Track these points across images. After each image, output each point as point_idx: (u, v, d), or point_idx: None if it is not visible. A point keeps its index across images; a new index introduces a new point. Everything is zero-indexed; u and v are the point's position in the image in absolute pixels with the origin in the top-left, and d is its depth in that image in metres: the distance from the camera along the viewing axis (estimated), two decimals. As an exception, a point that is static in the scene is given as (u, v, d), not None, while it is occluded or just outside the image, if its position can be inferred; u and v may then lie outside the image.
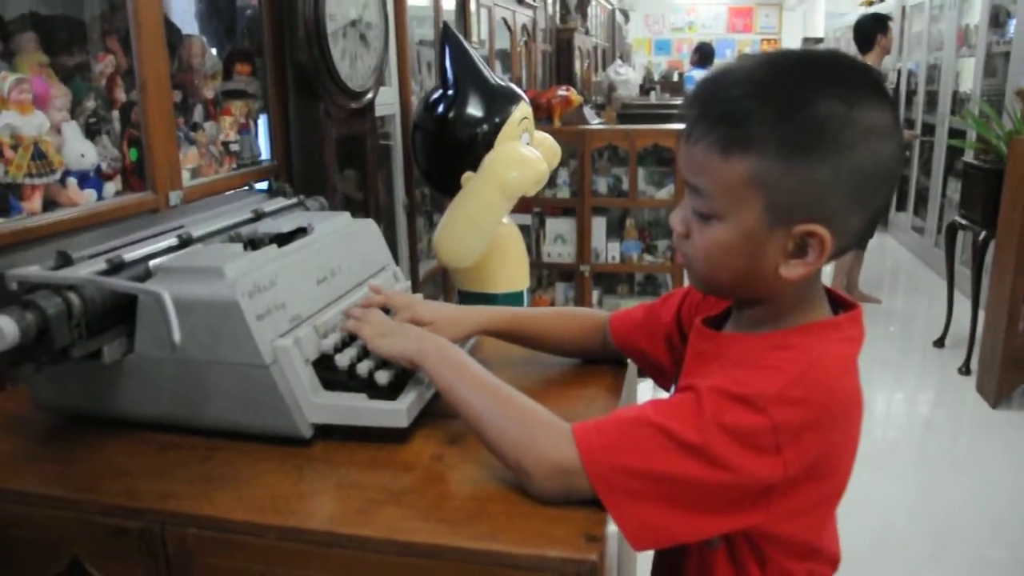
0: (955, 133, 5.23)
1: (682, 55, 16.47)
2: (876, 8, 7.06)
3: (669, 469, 0.68)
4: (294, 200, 1.19)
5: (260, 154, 1.80)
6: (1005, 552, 2.40)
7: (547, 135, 2.49)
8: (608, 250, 3.54)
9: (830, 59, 0.73)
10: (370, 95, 1.96)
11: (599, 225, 3.53)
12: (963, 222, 3.85)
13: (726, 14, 16.47)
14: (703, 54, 8.64)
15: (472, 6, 3.16)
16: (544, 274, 3.76)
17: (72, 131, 1.35)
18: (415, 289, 2.67)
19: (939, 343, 4.10)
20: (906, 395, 3.83)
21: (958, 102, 5.32)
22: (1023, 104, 3.54)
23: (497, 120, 2.19)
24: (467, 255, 2.13)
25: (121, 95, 1.43)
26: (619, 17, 10.48)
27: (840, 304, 0.81)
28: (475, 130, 2.18)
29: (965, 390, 3.61)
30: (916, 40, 6.29)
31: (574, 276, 3.59)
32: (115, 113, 1.43)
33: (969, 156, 3.88)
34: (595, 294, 3.64)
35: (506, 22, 4.00)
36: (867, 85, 0.71)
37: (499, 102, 2.21)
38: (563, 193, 3.54)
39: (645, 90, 9.75)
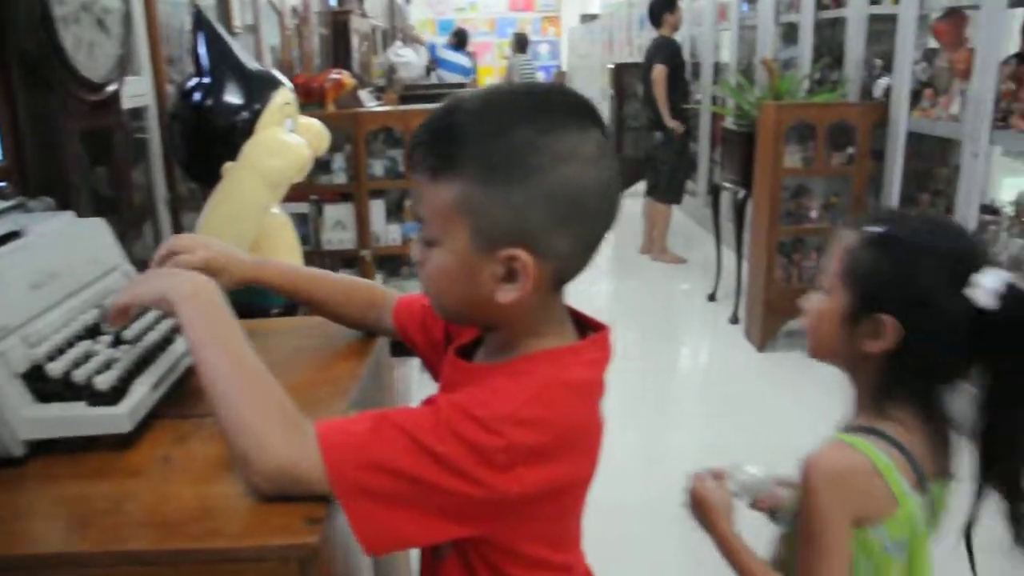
0: (717, 102, 5.79)
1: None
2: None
3: (411, 470, 0.70)
4: (12, 202, 1.16)
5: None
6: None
7: (314, 120, 2.52)
8: (388, 233, 3.60)
9: (542, 92, 0.78)
10: (114, 86, 1.90)
11: (378, 208, 3.58)
12: (724, 184, 4.29)
13: (507, -7, 16.97)
14: (460, 37, 9.09)
15: (230, -12, 3.10)
16: (326, 262, 3.77)
17: None
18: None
19: (711, 297, 4.54)
20: (685, 348, 4.24)
21: (719, 72, 5.88)
22: (769, 72, 4.00)
23: (256, 107, 2.18)
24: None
25: None
26: (397, -2, 10.52)
27: (589, 326, 0.85)
28: (234, 118, 2.16)
29: (735, 337, 4.04)
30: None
31: (356, 262, 3.63)
32: None
33: (730, 123, 4.31)
34: (379, 278, 3.70)
35: (273, 5, 3.95)
36: (570, 114, 0.75)
37: (258, 88, 2.21)
38: (339, 179, 3.56)
39: (430, 71, 9.91)
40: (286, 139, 2.11)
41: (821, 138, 3.51)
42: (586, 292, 4.93)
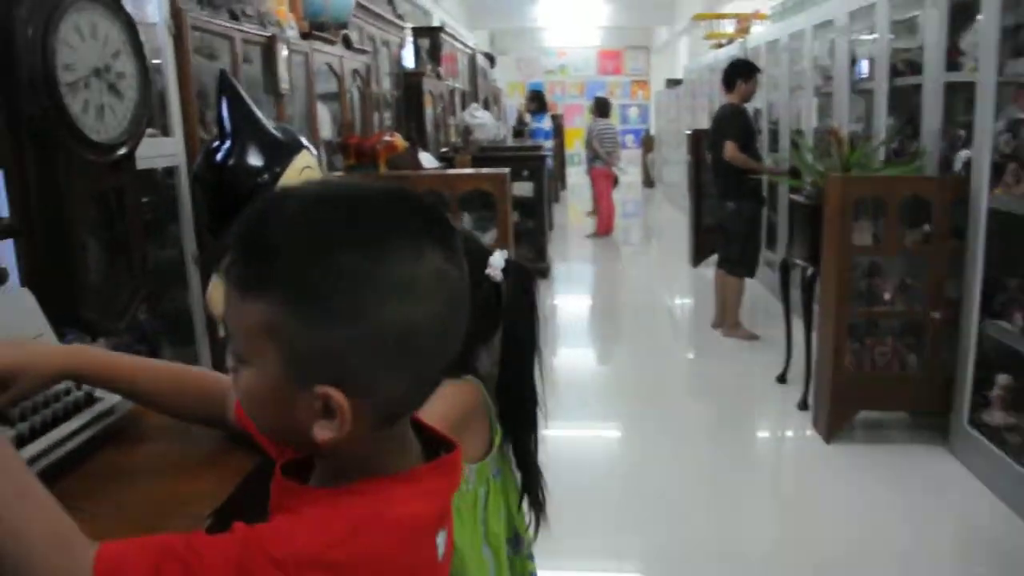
0: (796, 172, 5.61)
1: (555, 97, 17.06)
2: (726, 51, 7.55)
3: None
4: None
5: (-10, 214, 1.74)
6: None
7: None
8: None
9: (380, 202, 0.66)
10: (125, 148, 1.93)
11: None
12: (794, 260, 4.10)
13: (596, 57, 17.19)
14: (539, 101, 9.15)
15: (282, 53, 3.18)
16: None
17: None
18: (219, 345, 2.62)
19: (781, 379, 4.32)
20: (750, 433, 4.01)
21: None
22: (836, 142, 3.83)
23: (276, 170, 2.20)
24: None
25: None
26: (481, 61, 10.75)
27: (440, 442, 0.77)
28: (255, 180, 2.18)
29: (803, 425, 3.81)
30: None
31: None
32: None
33: (797, 195, 4.13)
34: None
35: (331, 68, 4.04)
36: (410, 233, 0.65)
37: (278, 151, 2.22)
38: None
39: (517, 132, 10.02)
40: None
41: (892, 214, 3.31)
42: (652, 367, 4.76)
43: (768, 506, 3.19)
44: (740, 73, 5.04)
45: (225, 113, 2.23)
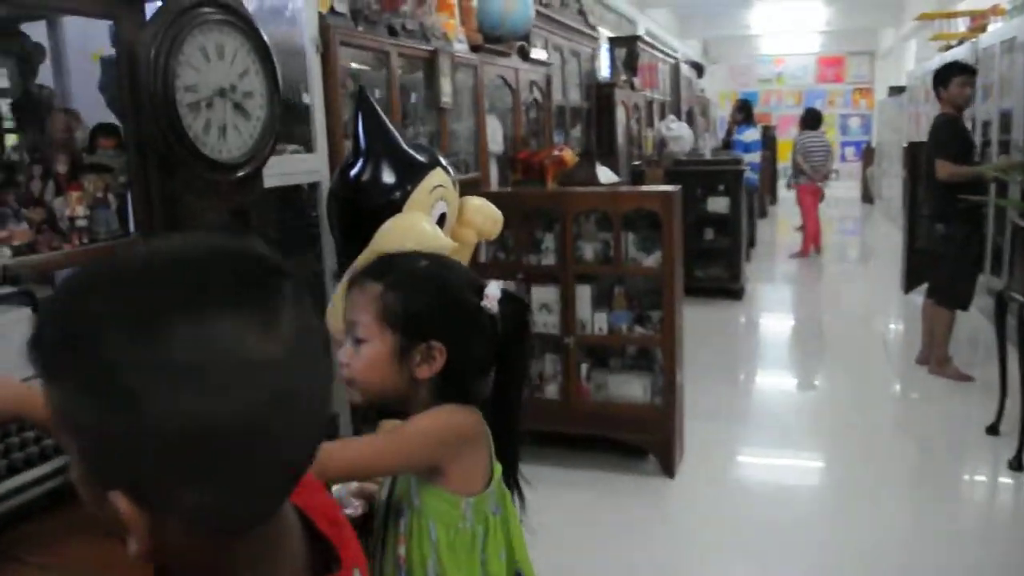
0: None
1: (770, 107, 16.27)
2: (952, 53, 6.80)
3: None
4: (11, 290, 1.16)
5: (118, 230, 1.81)
6: None
7: (483, 202, 2.44)
8: (595, 321, 3.42)
9: (177, 266, 0.56)
10: (250, 167, 1.95)
11: (584, 294, 3.42)
12: (1012, 294, 3.55)
13: (815, 64, 16.19)
14: (747, 112, 8.61)
15: (444, 66, 3.16)
16: (533, 345, 3.67)
17: None
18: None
19: (992, 430, 3.75)
20: (952, 490, 3.50)
21: (1036, 156, 4.98)
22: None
23: (408, 187, 2.16)
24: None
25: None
26: (686, 70, 10.41)
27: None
28: (386, 197, 2.15)
29: (1016, 486, 3.28)
30: (986, 89, 5.95)
31: (560, 348, 3.48)
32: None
33: (1017, 217, 3.59)
34: (583, 368, 3.51)
35: (506, 81, 4.00)
36: (205, 309, 0.53)
37: (410, 169, 2.18)
38: (548, 260, 3.46)
39: (726, 144, 9.62)
40: (416, 225, 2.03)
41: None
42: (851, 401, 4.38)
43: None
44: (940, 79, 4.46)
45: (360, 130, 2.22)
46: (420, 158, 2.22)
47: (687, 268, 4.73)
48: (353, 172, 2.21)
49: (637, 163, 6.81)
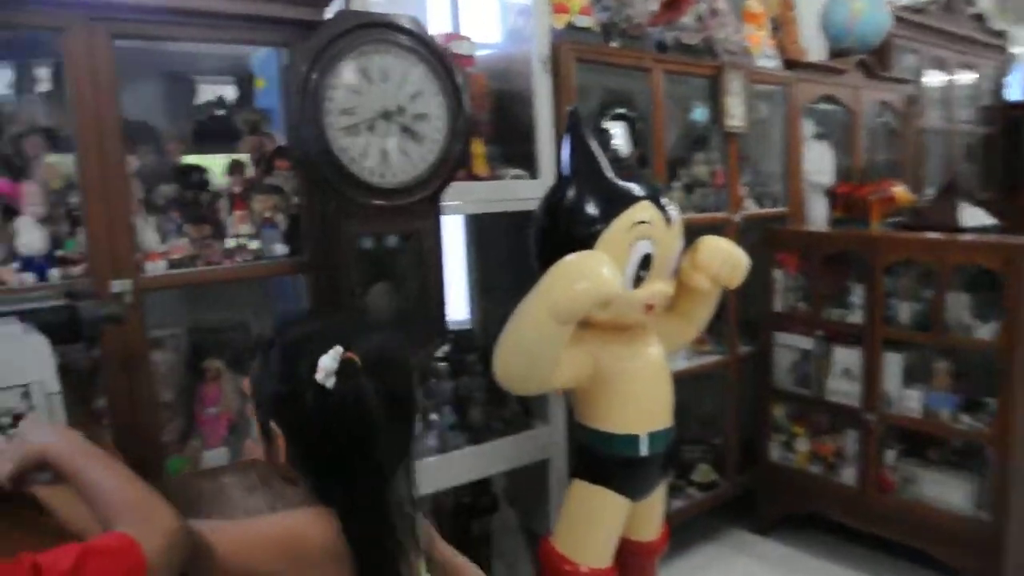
0: None
1: None
2: None
3: None
4: (60, 303, 1.20)
5: (278, 250, 1.85)
6: None
7: (722, 243, 2.10)
8: (903, 398, 2.76)
9: None
10: (421, 192, 1.87)
11: (894, 364, 2.78)
12: None
13: None
14: None
15: (731, 84, 2.80)
16: (824, 416, 3.08)
17: (24, 224, 1.58)
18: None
19: None
20: None
21: None
22: None
23: (607, 220, 1.92)
24: (515, 379, 1.88)
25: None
26: None
27: None
28: (588, 229, 1.93)
29: None
30: None
31: (859, 425, 2.88)
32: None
33: None
34: (890, 455, 2.86)
35: (839, 102, 3.45)
36: None
37: (612, 202, 1.93)
38: (855, 317, 2.89)
39: None
40: (589, 265, 1.78)
41: None
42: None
43: None
44: None
45: (566, 156, 2.04)
46: (626, 189, 1.95)
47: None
48: (554, 199, 2.03)
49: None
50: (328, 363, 0.94)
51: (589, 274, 1.76)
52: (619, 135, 2.69)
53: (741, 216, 2.97)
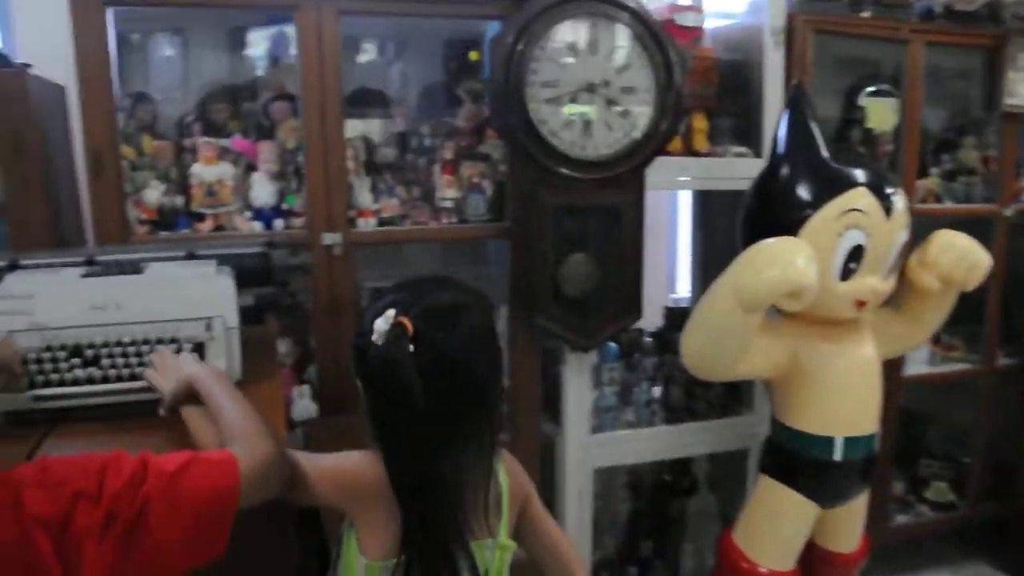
0: None
1: None
2: None
3: None
4: (256, 250, 1.38)
5: (484, 214, 1.94)
6: None
7: (959, 238, 1.88)
8: None
9: None
10: (623, 166, 1.86)
11: None
12: None
13: None
14: None
15: (1019, 56, 2.45)
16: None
17: (257, 179, 1.80)
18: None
19: None
20: None
21: None
22: None
23: (817, 206, 1.80)
24: (699, 362, 1.81)
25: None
26: None
27: None
28: (799, 214, 1.82)
29: None
30: None
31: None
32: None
33: None
34: None
35: None
36: None
37: (825, 186, 1.80)
38: None
39: None
40: (783, 253, 1.68)
41: None
42: None
43: None
44: None
45: (783, 133, 1.93)
46: (843, 173, 1.80)
47: None
48: (766, 179, 1.93)
49: None
50: (380, 325, 1.01)
51: (781, 262, 1.65)
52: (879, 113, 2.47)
53: (1014, 210, 2.60)
